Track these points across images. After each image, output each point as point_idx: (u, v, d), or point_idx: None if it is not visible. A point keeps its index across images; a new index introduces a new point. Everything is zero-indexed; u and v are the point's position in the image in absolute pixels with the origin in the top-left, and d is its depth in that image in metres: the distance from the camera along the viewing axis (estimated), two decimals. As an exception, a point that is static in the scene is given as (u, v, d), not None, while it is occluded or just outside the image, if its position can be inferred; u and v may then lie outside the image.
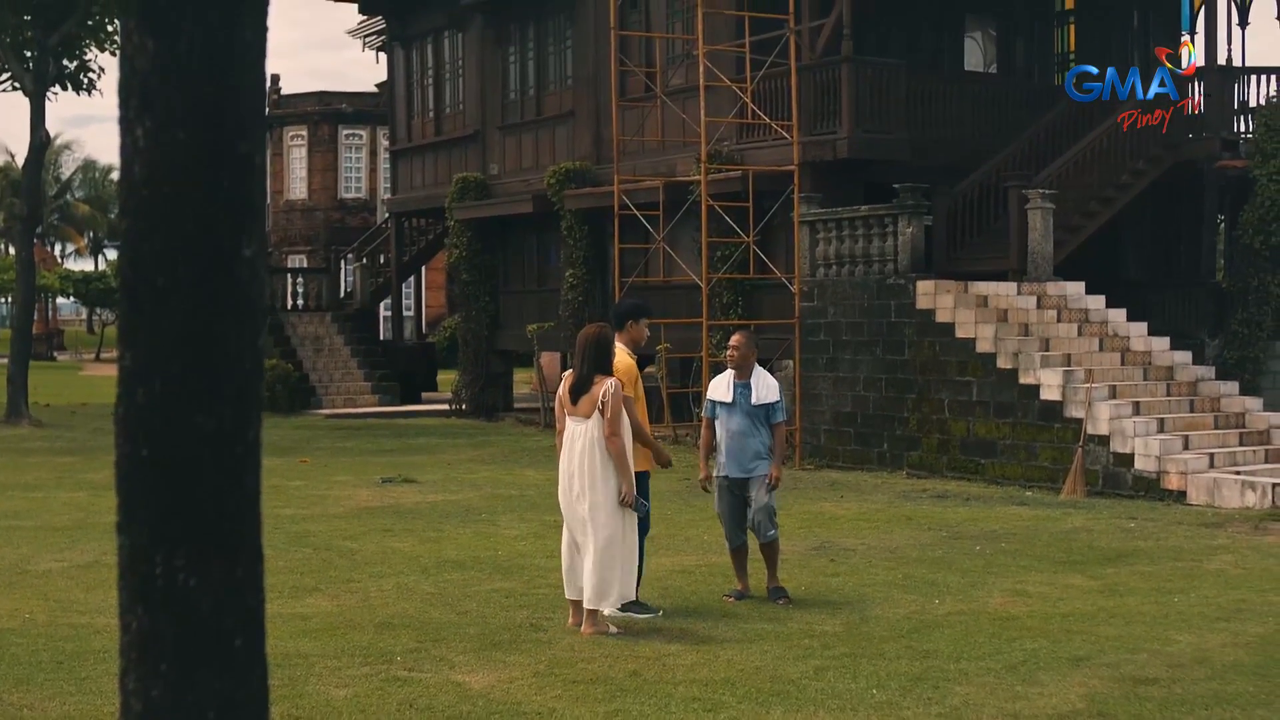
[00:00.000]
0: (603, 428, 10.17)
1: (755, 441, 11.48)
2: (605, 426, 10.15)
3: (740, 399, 11.53)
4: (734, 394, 11.56)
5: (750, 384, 11.55)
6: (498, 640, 9.96)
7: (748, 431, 11.48)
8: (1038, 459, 19.29)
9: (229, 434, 3.39)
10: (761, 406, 11.48)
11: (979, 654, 9.52)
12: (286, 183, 54.31)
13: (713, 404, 11.70)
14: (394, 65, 37.06)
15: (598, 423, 10.19)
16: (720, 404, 11.62)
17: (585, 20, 29.42)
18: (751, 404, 11.47)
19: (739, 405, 11.51)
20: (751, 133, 24.63)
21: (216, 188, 3.30)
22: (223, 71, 3.27)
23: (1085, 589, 11.93)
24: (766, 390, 11.52)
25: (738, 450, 11.51)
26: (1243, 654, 9.60)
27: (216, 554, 3.37)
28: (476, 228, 32.37)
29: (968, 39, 28.63)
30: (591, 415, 10.22)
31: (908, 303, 21.16)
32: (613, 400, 10.11)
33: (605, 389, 10.15)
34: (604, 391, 10.14)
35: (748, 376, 11.60)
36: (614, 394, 10.13)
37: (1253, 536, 14.96)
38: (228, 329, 3.35)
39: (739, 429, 11.50)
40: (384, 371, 36.45)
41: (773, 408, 11.52)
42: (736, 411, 11.52)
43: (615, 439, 10.16)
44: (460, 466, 22.13)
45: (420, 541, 14.54)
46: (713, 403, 11.70)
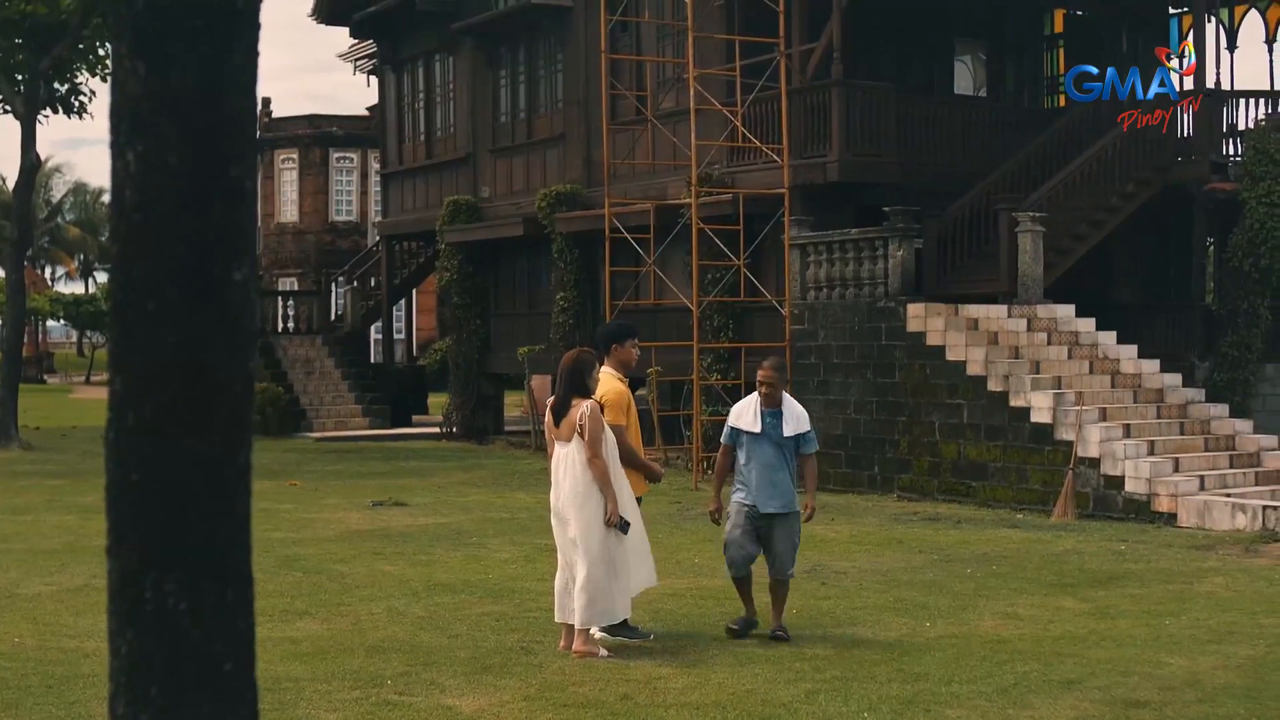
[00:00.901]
0: (583, 450, 10.19)
1: (784, 475, 10.91)
2: (585, 449, 10.18)
3: (770, 429, 10.91)
4: (762, 424, 10.92)
5: (781, 413, 10.95)
6: (488, 664, 9.94)
7: (776, 464, 10.90)
8: (1029, 481, 19.30)
9: (219, 458, 3.39)
10: (793, 438, 10.93)
11: (970, 677, 9.51)
12: (278, 205, 54.29)
13: (735, 432, 11.03)
14: (385, 88, 37.13)
15: (578, 445, 10.24)
16: (747, 433, 10.95)
17: (576, 44, 29.48)
18: (783, 435, 10.89)
19: (768, 436, 10.90)
20: (742, 156, 24.67)
21: (207, 212, 3.30)
22: (214, 96, 3.28)
23: (1076, 612, 11.94)
24: (799, 420, 10.96)
25: (767, 484, 10.88)
26: (1234, 676, 9.60)
27: (207, 578, 3.37)
28: (467, 251, 32.39)
29: (957, 62, 28.71)
30: (572, 438, 10.27)
31: (898, 325, 21.19)
32: (590, 422, 10.13)
33: (582, 411, 10.17)
34: (580, 414, 10.17)
35: (778, 404, 10.98)
36: (590, 415, 10.14)
37: (1243, 559, 14.97)
38: (219, 353, 3.35)
39: (768, 461, 10.89)
40: (374, 394, 36.42)
41: (805, 438, 10.99)
42: (765, 442, 10.90)
43: (596, 460, 10.17)
44: (451, 490, 22.11)
45: (411, 565, 14.52)
46: (735, 430, 11.02)
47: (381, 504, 19.88)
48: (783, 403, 10.99)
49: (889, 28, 26.53)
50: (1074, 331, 21.32)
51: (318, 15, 37.59)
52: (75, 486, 21.94)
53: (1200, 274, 25.83)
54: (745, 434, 10.95)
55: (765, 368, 11.05)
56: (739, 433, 11.01)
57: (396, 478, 23.95)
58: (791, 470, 10.97)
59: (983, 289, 21.96)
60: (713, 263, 24.07)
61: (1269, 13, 28.66)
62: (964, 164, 24.53)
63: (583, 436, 10.17)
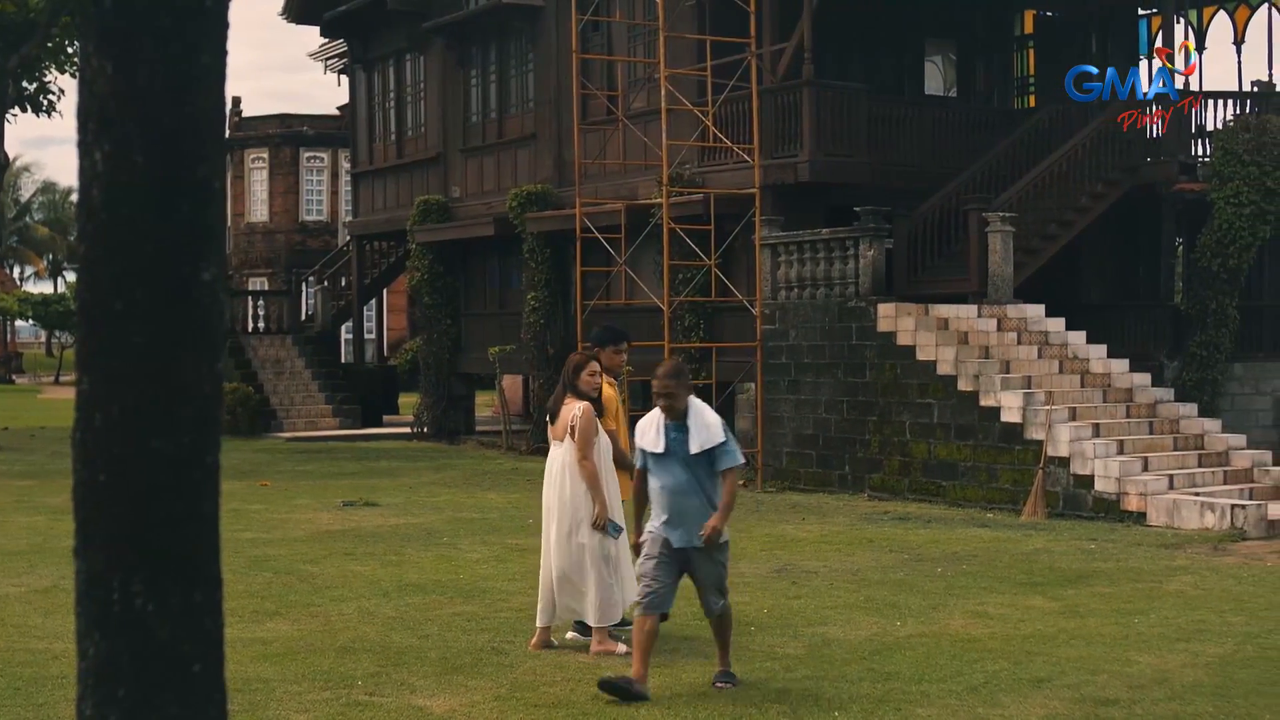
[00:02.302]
0: (573, 451, 10.23)
1: (697, 500, 9.14)
2: (575, 450, 10.21)
3: (675, 446, 9.17)
4: (666, 440, 9.19)
5: (687, 426, 9.17)
6: (459, 664, 9.93)
7: (688, 488, 9.14)
8: (998, 481, 19.35)
9: (187, 458, 3.38)
10: (703, 455, 9.14)
11: (940, 676, 9.54)
12: (247, 205, 54.13)
13: (643, 454, 9.38)
14: (355, 88, 37.04)
15: (569, 447, 10.27)
16: (651, 454, 9.29)
17: (546, 43, 29.46)
18: (690, 452, 9.12)
19: (674, 454, 9.17)
20: (713, 156, 24.69)
21: (175, 212, 3.29)
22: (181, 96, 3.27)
23: (1046, 610, 11.97)
24: (708, 433, 9.13)
25: (678, 512, 9.14)
26: (1202, 674, 9.64)
27: (175, 579, 3.36)
28: (438, 250, 32.34)
29: (928, 63, 28.78)
30: (564, 439, 10.31)
31: (869, 325, 21.23)
32: (580, 424, 10.15)
33: (574, 413, 10.20)
34: (572, 415, 10.20)
35: (682, 416, 9.20)
36: (582, 417, 10.16)
37: (1212, 557, 15.04)
38: (186, 353, 3.34)
39: (677, 485, 9.14)
40: (345, 394, 36.34)
41: (718, 453, 9.17)
42: (672, 463, 9.18)
43: (586, 462, 10.20)
44: (422, 490, 22.07)
45: (381, 565, 14.49)
46: (642, 452, 9.37)
47: (352, 504, 19.83)
48: (689, 413, 9.20)
49: (859, 28, 26.57)
50: (1044, 331, 21.39)
51: (288, 14, 37.48)
52: (43, 487, 21.84)
53: (1169, 274, 25.95)
54: (649, 454, 9.31)
55: (660, 375, 9.28)
56: (645, 454, 9.38)
57: (367, 478, 23.90)
58: (710, 493, 9.22)
59: (953, 289, 22.02)
60: (684, 263, 24.07)
61: (1237, 14, 28.79)
62: (934, 164, 24.59)
63: (573, 438, 10.20)
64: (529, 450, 28.43)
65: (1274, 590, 12.97)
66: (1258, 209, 23.15)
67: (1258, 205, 23.12)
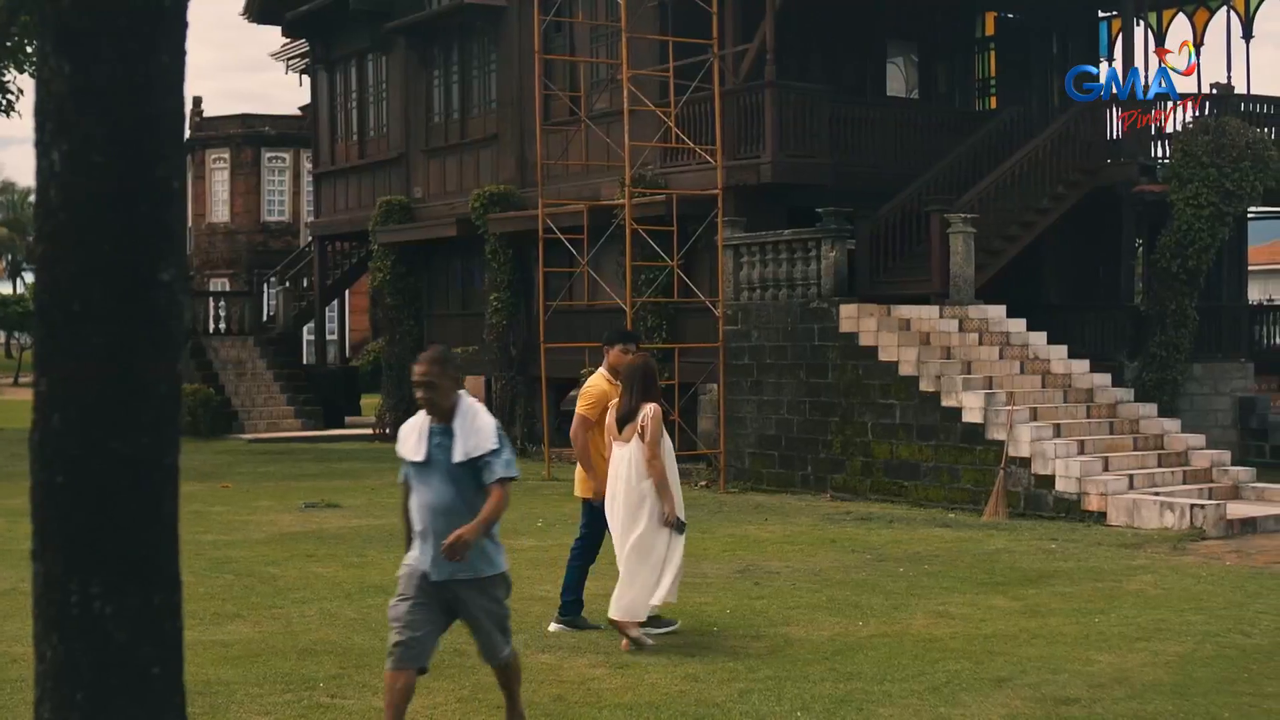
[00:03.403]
0: (642, 451, 10.39)
1: (461, 521, 7.48)
2: (644, 450, 10.38)
3: (438, 453, 7.58)
4: (429, 447, 7.60)
5: (453, 430, 7.56)
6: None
7: (451, 506, 7.53)
8: (960, 481, 19.42)
9: (146, 460, 3.36)
10: (469, 464, 7.53)
11: (902, 675, 9.56)
12: (208, 205, 53.88)
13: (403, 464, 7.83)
14: (317, 88, 36.92)
15: (638, 446, 10.45)
16: (411, 464, 7.72)
17: (509, 44, 29.42)
18: (453, 461, 7.52)
19: (436, 464, 7.58)
20: (675, 157, 24.69)
21: (134, 212, 3.28)
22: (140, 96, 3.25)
23: (1007, 610, 12.02)
24: (475, 437, 7.52)
25: (438, 535, 7.55)
26: (1162, 673, 9.69)
27: (133, 581, 3.34)
28: (400, 251, 32.27)
29: (889, 64, 28.85)
30: (633, 440, 10.49)
31: (831, 326, 21.27)
32: (651, 424, 10.40)
33: (645, 413, 10.44)
34: (644, 415, 10.43)
35: (448, 417, 7.59)
36: (653, 418, 10.44)
37: (1171, 557, 15.12)
38: (145, 354, 3.32)
39: (439, 502, 7.56)
40: (307, 396, 36.21)
41: (484, 464, 7.52)
42: (434, 474, 7.59)
43: (655, 461, 10.39)
44: (384, 491, 21.98)
45: (344, 567, 14.45)
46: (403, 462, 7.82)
47: (314, 506, 19.77)
48: (456, 414, 7.59)
49: (822, 30, 26.62)
50: (1005, 332, 21.47)
51: (249, 14, 37.35)
52: (1, 489, 21.68)
53: (1129, 275, 26.07)
54: (409, 464, 7.73)
55: (420, 361, 7.70)
56: (405, 463, 7.80)
57: (329, 479, 23.82)
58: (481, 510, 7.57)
59: (915, 290, 22.09)
60: (646, 263, 24.07)
61: (1196, 17, 28.97)
62: (896, 165, 24.66)
63: (643, 439, 10.39)
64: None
65: (1233, 589, 13.05)
66: (1217, 210, 23.28)
67: (1217, 207, 23.26)
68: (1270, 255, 49.98)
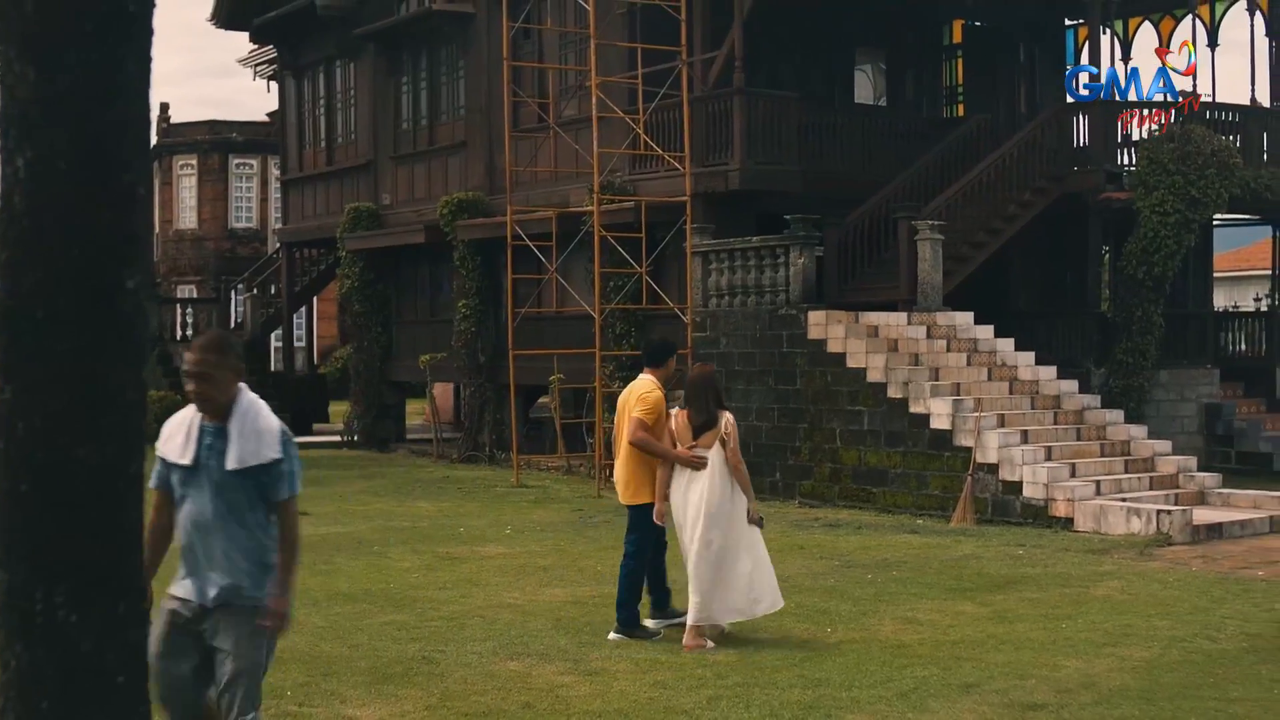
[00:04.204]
0: (726, 457, 10.97)
1: (233, 540, 6.36)
2: (729, 456, 10.98)
3: (208, 457, 6.35)
4: (198, 450, 6.36)
5: (228, 430, 6.37)
6: (389, 673, 9.88)
7: (220, 519, 6.33)
8: (928, 487, 19.46)
9: (111, 468, 3.35)
10: (245, 473, 6.35)
11: (870, 682, 9.58)
12: (176, 212, 53.67)
13: (165, 466, 6.45)
14: (285, 94, 36.84)
15: (719, 453, 10.99)
16: (175, 467, 6.41)
17: (478, 50, 29.41)
18: (225, 468, 6.33)
19: (205, 470, 6.35)
20: (644, 164, 24.71)
21: (99, 219, 3.26)
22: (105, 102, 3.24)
23: (975, 616, 12.05)
24: (256, 441, 6.38)
25: (202, 557, 6.38)
26: (1129, 679, 9.73)
27: (98, 589, 3.33)
28: (368, 258, 32.22)
29: (858, 72, 28.92)
30: (713, 448, 11.01)
31: (799, 333, 21.30)
32: (733, 433, 11.10)
33: (727, 420, 11.13)
34: (727, 423, 11.11)
35: (224, 414, 6.39)
36: (733, 425, 11.17)
37: (1138, 562, 15.18)
38: (110, 361, 3.31)
39: (201, 517, 6.34)
40: (275, 402, 35.54)
41: (270, 473, 6.40)
42: (202, 482, 6.36)
43: (740, 465, 11.08)
44: (352, 498, 21.95)
45: (311, 574, 14.39)
46: (164, 464, 6.44)
47: (281, 513, 19.67)
48: (233, 411, 6.41)
49: (790, 37, 26.68)
50: (973, 338, 21.53)
51: (217, 20, 37.23)
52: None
53: (1096, 282, 26.17)
54: (174, 468, 6.42)
55: (195, 349, 6.51)
56: (168, 466, 6.45)
57: (297, 486, 23.69)
58: (257, 533, 6.45)
59: (883, 296, 22.13)
60: (615, 270, 24.08)
61: (1162, 25, 29.14)
62: (864, 172, 24.72)
63: (725, 446, 11.01)
64: (460, 458, 28.36)
65: (1199, 594, 13.11)
66: (1183, 218, 23.39)
67: (1182, 214, 23.36)
68: (1235, 262, 50.24)
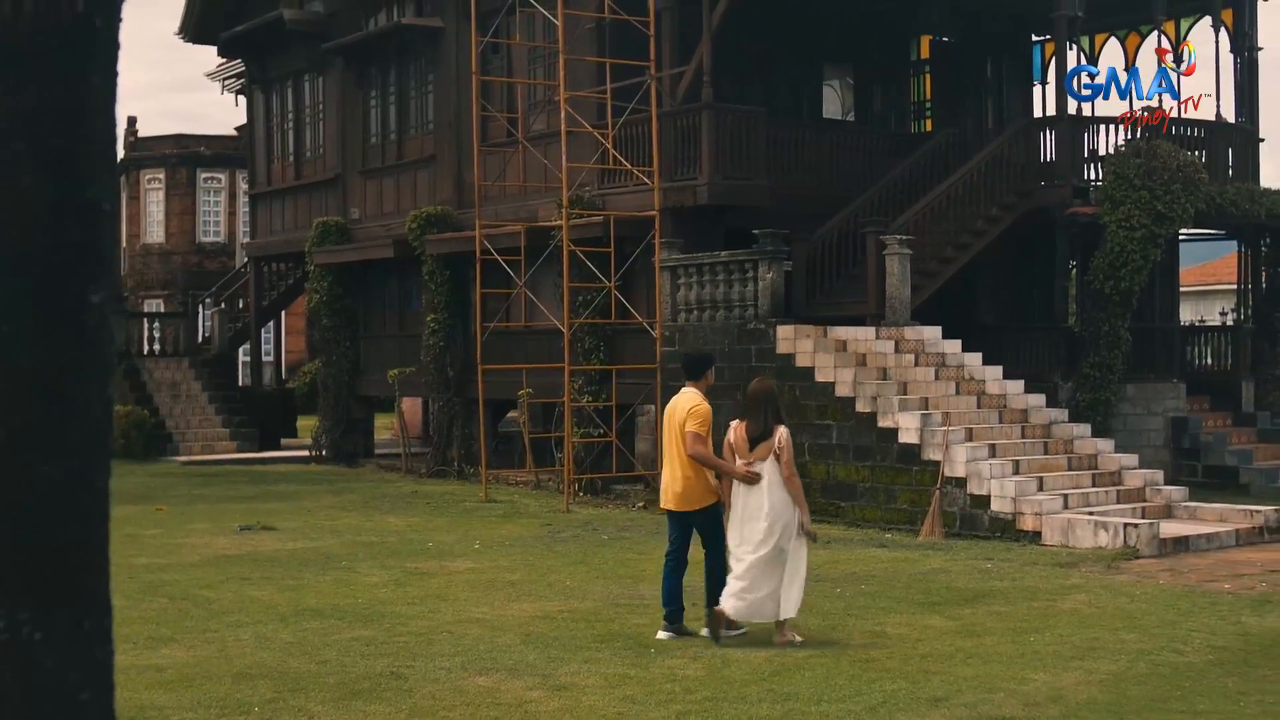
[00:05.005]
0: (780, 469, 11.46)
1: None
2: (784, 468, 11.48)
3: None
4: None
5: None
6: (357, 689, 9.85)
7: None
8: (897, 501, 19.50)
9: (77, 484, 3.33)
10: None
11: (839, 696, 9.58)
12: (143, 226, 53.50)
13: None
14: (253, 108, 36.75)
15: (774, 465, 11.47)
16: None
17: (447, 65, 29.40)
18: None
19: None
20: (613, 178, 24.72)
21: (64, 235, 3.25)
22: (71, 116, 3.23)
23: (943, 630, 12.07)
24: None
25: None
26: (1096, 692, 9.76)
27: (63, 606, 3.30)
28: (337, 272, 32.15)
29: (826, 87, 29.01)
30: (768, 459, 11.50)
31: (768, 347, 21.33)
32: (787, 446, 11.53)
33: (781, 436, 11.56)
34: (780, 437, 11.54)
35: None
36: (789, 441, 11.59)
37: (1105, 576, 15.23)
38: (76, 377, 3.29)
39: None
40: (242, 417, 35.96)
41: None
42: None
43: (794, 478, 11.59)
44: (320, 513, 21.89)
45: (279, 590, 14.35)
46: None
47: (249, 528, 19.64)
48: None
49: (758, 52, 26.75)
50: (941, 353, 21.59)
51: (185, 34, 37.14)
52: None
53: (1063, 296, 26.29)
54: None
55: None
56: None
57: (265, 501, 23.67)
58: None
59: (851, 311, 22.18)
60: (584, 285, 24.08)
61: (1128, 40, 29.31)
62: (832, 187, 24.78)
63: (780, 459, 11.47)
64: (428, 473, 28.31)
65: (1166, 608, 13.16)
66: (1149, 232, 23.49)
67: (1149, 229, 23.47)
68: (1201, 277, 50.54)
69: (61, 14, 3.22)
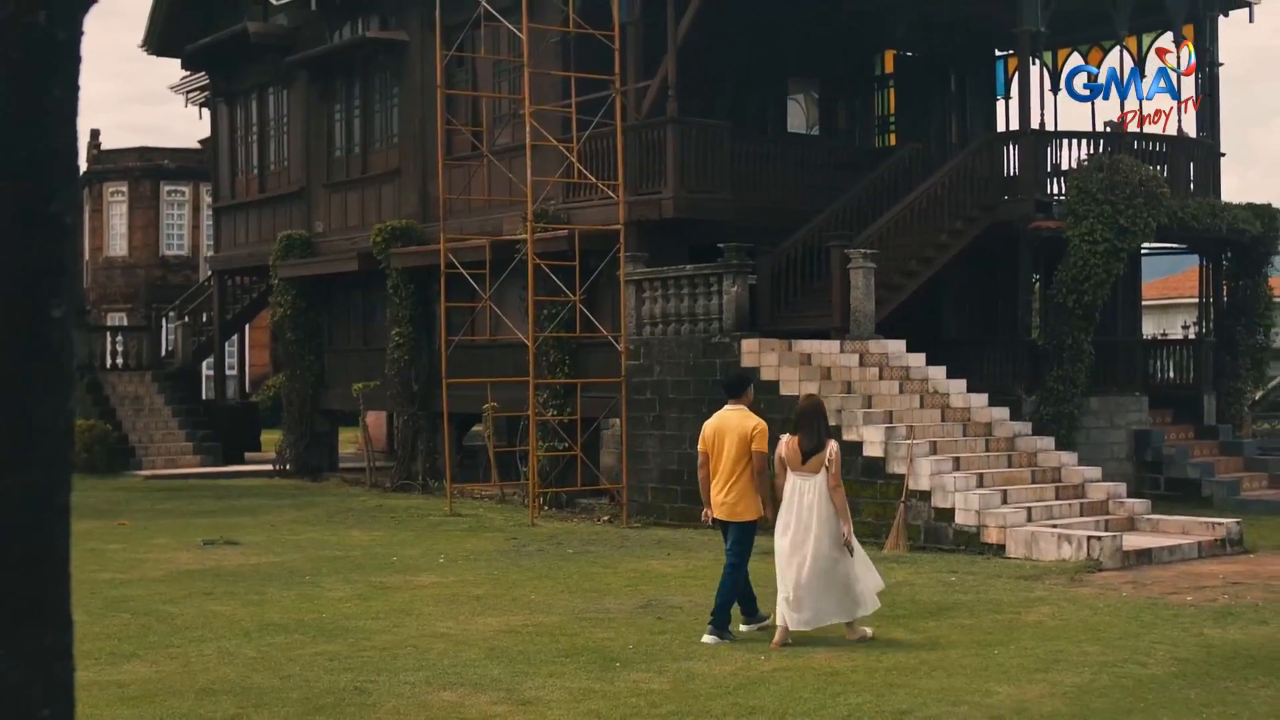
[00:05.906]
0: (828, 482, 12.10)
1: None
2: (830, 480, 12.11)
3: None
4: None
5: None
6: (321, 704, 9.81)
7: None
8: (861, 514, 19.48)
9: (38, 498, 3.31)
10: None
11: (804, 709, 9.59)
12: (106, 239, 53.27)
13: None
14: (217, 121, 36.65)
15: (823, 478, 12.12)
16: None
17: (411, 78, 29.38)
18: None
19: None
20: (578, 192, 24.73)
21: (25, 248, 3.23)
22: (32, 130, 3.22)
23: (907, 643, 12.10)
24: None
25: None
26: (1060, 704, 9.79)
27: (23, 622, 3.29)
28: (301, 286, 32.06)
29: (790, 101, 29.09)
30: (819, 472, 12.15)
31: (733, 361, 21.35)
32: (836, 460, 12.14)
33: (832, 450, 12.19)
34: (831, 451, 12.17)
35: None
36: (838, 455, 12.22)
37: (1069, 588, 15.28)
38: (37, 391, 3.28)
39: None
40: (206, 431, 35.81)
41: None
42: None
43: (840, 490, 12.19)
44: (284, 528, 21.81)
45: (242, 605, 14.29)
46: None
47: (213, 543, 19.55)
48: None
49: (723, 66, 26.82)
50: (905, 366, 21.65)
51: (149, 46, 37.04)
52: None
53: (1026, 310, 26.38)
54: None
55: None
56: None
57: (228, 516, 23.57)
58: None
59: (816, 324, 22.22)
60: (549, 298, 24.07)
61: (1090, 55, 29.45)
62: (797, 201, 24.84)
63: (829, 470, 12.11)
64: (393, 487, 28.24)
65: (1129, 620, 13.21)
66: (1112, 246, 23.61)
67: (1112, 243, 23.59)
68: (1163, 290, 50.79)
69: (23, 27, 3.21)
